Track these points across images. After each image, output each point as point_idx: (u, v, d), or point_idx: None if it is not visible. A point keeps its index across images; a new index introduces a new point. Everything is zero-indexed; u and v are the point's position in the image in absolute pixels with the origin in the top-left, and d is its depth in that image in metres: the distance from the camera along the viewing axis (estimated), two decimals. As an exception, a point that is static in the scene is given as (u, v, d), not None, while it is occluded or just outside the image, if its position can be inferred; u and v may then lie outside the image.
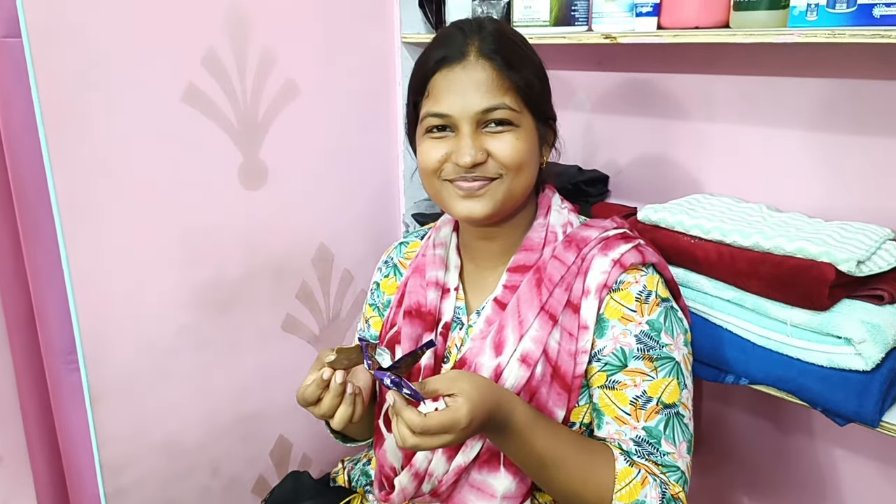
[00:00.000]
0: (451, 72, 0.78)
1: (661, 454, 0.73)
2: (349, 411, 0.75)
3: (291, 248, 1.20)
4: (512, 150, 0.78)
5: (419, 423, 0.63)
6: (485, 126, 0.78)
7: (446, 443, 0.65)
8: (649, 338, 0.77)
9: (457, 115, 0.78)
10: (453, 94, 0.78)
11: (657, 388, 0.75)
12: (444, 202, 0.82)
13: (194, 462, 1.15)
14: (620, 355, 0.77)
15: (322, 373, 0.73)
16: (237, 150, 1.08)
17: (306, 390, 0.74)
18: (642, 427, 0.74)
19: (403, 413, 0.64)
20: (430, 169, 0.80)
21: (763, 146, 1.03)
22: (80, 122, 0.92)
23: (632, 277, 0.79)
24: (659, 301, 0.78)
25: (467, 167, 0.77)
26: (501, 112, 0.77)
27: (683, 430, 0.75)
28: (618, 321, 0.77)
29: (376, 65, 1.25)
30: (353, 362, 0.75)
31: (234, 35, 1.03)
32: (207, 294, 1.10)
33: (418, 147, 0.83)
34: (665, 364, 0.76)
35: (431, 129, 0.80)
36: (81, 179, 0.94)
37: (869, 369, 0.77)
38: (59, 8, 0.88)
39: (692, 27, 0.93)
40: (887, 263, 0.82)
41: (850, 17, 0.78)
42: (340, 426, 0.75)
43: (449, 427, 0.64)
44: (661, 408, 0.74)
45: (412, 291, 0.88)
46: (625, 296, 0.78)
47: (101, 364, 1.01)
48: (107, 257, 0.99)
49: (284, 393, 1.23)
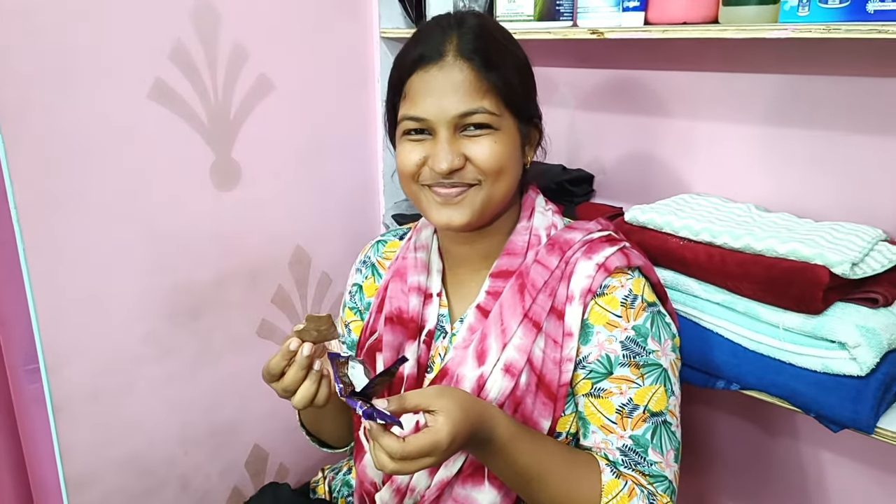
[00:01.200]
0: (427, 73, 0.74)
1: (649, 464, 0.71)
2: (313, 389, 0.70)
3: (266, 250, 1.15)
4: (490, 154, 0.74)
5: (398, 450, 0.59)
6: (463, 130, 0.75)
7: (428, 465, 0.62)
8: (635, 344, 0.74)
9: (433, 119, 0.74)
10: (430, 96, 0.74)
11: (644, 396, 0.73)
12: (422, 208, 0.79)
13: (163, 478, 1.10)
14: (606, 362, 0.74)
15: (289, 343, 0.69)
16: (209, 148, 1.03)
17: (271, 361, 0.69)
18: (629, 436, 0.72)
19: (381, 440, 0.60)
20: (408, 173, 0.77)
21: (749, 144, 1.01)
22: (40, 119, 0.87)
23: (617, 281, 0.76)
24: (645, 306, 0.75)
25: (444, 174, 0.73)
26: (479, 116, 0.74)
27: (671, 437, 0.73)
28: (603, 327, 0.74)
29: (354, 60, 1.21)
30: (323, 335, 0.70)
31: (203, 28, 0.99)
32: (177, 299, 1.05)
33: (397, 149, 0.80)
34: (652, 371, 0.74)
35: (409, 132, 0.77)
36: (41, 180, 0.89)
37: (864, 374, 0.75)
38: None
39: (680, 22, 0.91)
40: (881, 265, 0.80)
41: (844, 13, 0.76)
42: (302, 405, 0.70)
43: (430, 450, 0.60)
44: (648, 416, 0.72)
45: (393, 297, 0.84)
46: (610, 301, 0.75)
47: (63, 373, 0.96)
48: (69, 261, 0.94)
49: (260, 401, 1.19)
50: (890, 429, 0.76)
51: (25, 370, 1.09)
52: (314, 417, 0.91)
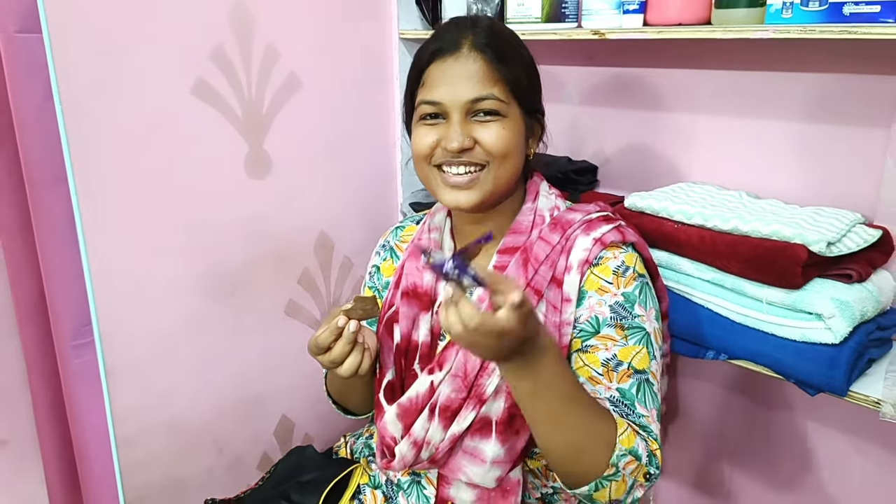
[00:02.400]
0: (444, 63, 0.83)
1: (637, 416, 0.77)
2: (357, 359, 0.81)
3: (293, 235, 1.24)
4: (498, 138, 0.83)
5: (475, 318, 0.61)
6: (474, 115, 0.83)
7: (490, 347, 0.63)
8: (623, 308, 0.81)
9: (447, 103, 0.83)
10: (446, 83, 0.83)
11: (628, 354, 0.79)
12: (432, 189, 0.87)
13: (199, 441, 1.19)
14: (594, 322, 0.81)
15: (337, 320, 0.79)
16: (243, 140, 1.12)
17: (320, 336, 0.80)
18: (616, 388, 0.78)
19: (462, 303, 0.62)
20: (422, 154, 0.86)
21: (743, 137, 1.09)
22: (96, 114, 0.96)
23: (611, 254, 0.84)
24: (636, 276, 0.83)
25: (455, 152, 0.82)
26: (489, 102, 0.82)
27: (653, 397, 0.79)
28: (595, 292, 0.82)
29: (375, 59, 1.29)
30: (368, 313, 0.81)
31: (240, 31, 1.08)
32: (213, 280, 1.14)
33: (413, 133, 0.88)
34: (636, 333, 0.81)
35: (425, 117, 0.85)
36: (97, 169, 0.98)
37: (838, 342, 0.83)
38: (75, 5, 0.92)
39: (675, 24, 0.99)
40: (856, 245, 0.88)
41: (823, 15, 0.84)
42: (348, 374, 0.81)
43: (499, 333, 0.62)
44: (633, 372, 0.78)
45: (409, 273, 0.93)
46: (603, 269, 0.83)
47: (114, 344, 1.06)
48: (120, 244, 1.03)
49: (287, 374, 1.28)
50: (862, 392, 0.83)
51: (73, 345, 1.19)
52: (343, 388, 1.00)
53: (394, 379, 0.91)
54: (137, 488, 1.12)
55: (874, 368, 0.89)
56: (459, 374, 0.82)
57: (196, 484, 1.18)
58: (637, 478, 0.72)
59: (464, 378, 0.81)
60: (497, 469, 0.81)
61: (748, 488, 1.20)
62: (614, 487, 0.71)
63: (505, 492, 0.84)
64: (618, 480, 0.71)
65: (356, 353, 0.82)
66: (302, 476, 1.00)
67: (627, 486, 0.71)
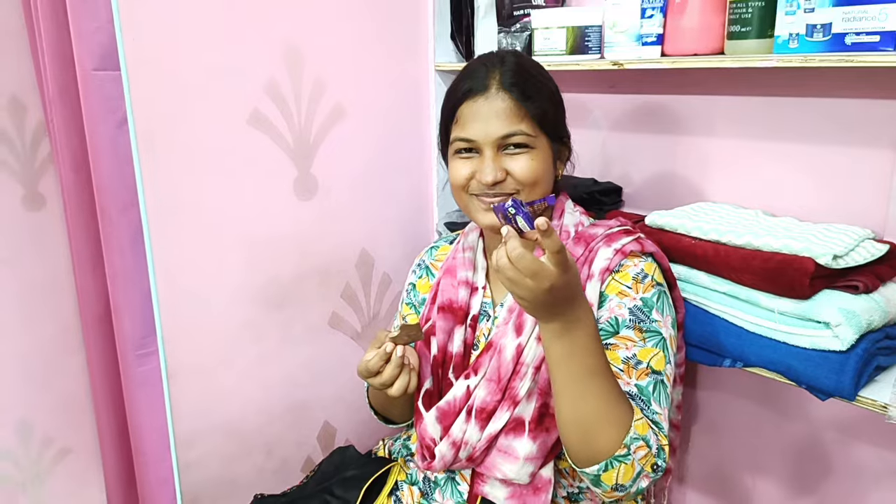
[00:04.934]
0: (475, 102, 0.92)
1: (652, 412, 0.83)
2: (406, 380, 0.90)
3: (337, 252, 1.34)
4: (528, 169, 0.91)
5: (521, 254, 0.68)
6: (505, 149, 0.92)
7: (529, 289, 0.69)
8: (641, 312, 0.88)
9: (480, 140, 0.91)
10: (478, 121, 0.91)
11: (646, 355, 0.86)
12: (470, 213, 0.96)
13: (251, 443, 1.29)
14: (614, 323, 0.88)
15: (385, 346, 0.88)
16: (293, 165, 1.23)
17: (370, 362, 0.88)
18: (634, 384, 0.84)
19: (511, 240, 0.69)
20: (459, 185, 0.95)
21: (758, 158, 1.15)
22: (165, 143, 1.08)
23: (631, 262, 0.91)
24: (654, 284, 0.90)
25: (489, 185, 0.91)
26: (518, 137, 0.91)
27: (666, 398, 0.85)
28: (615, 295, 0.89)
29: (413, 90, 1.40)
30: (413, 339, 0.90)
31: (292, 67, 1.19)
32: (266, 292, 1.25)
33: (449, 165, 0.97)
34: (653, 336, 0.87)
35: (460, 151, 0.94)
36: (165, 192, 1.09)
37: (845, 349, 0.88)
38: (149, 46, 1.04)
39: (691, 54, 1.06)
40: (863, 258, 0.93)
41: (826, 45, 0.90)
42: (398, 393, 0.89)
43: (537, 272, 0.68)
44: (650, 372, 0.85)
45: (445, 290, 1.02)
46: (623, 276, 0.90)
47: (176, 350, 1.16)
48: (183, 259, 1.14)
49: (330, 383, 1.37)
50: (870, 397, 0.88)
51: (137, 355, 1.30)
52: (386, 402, 1.08)
53: (431, 388, 0.99)
54: (193, 485, 1.22)
55: (884, 375, 0.93)
56: (493, 378, 0.89)
57: (245, 482, 1.27)
58: (645, 466, 0.77)
59: (497, 382, 0.89)
60: (530, 465, 0.88)
61: (769, 496, 1.24)
62: (622, 471, 0.76)
63: (537, 489, 0.90)
64: (627, 464, 0.76)
65: (404, 374, 0.91)
66: (344, 473, 1.09)
67: (635, 473, 0.76)
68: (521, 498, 0.90)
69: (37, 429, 1.62)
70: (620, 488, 0.77)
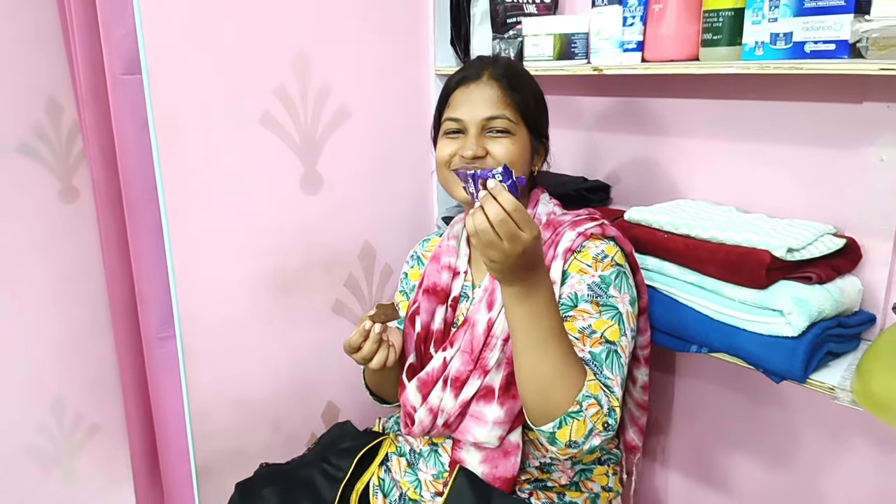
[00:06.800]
0: (467, 88, 1.02)
1: (604, 377, 0.89)
2: (384, 355, 0.99)
3: (341, 244, 1.44)
4: (507, 150, 1.00)
5: (502, 218, 0.75)
6: (488, 131, 1.01)
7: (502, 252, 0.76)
8: (599, 287, 0.95)
9: (467, 120, 1.01)
10: (467, 105, 1.01)
11: (601, 325, 0.93)
12: (450, 189, 1.05)
13: (260, 418, 1.39)
14: (573, 297, 0.96)
15: (364, 324, 0.97)
16: (299, 162, 1.33)
17: (351, 338, 0.98)
18: (588, 351, 0.91)
19: (501, 194, 0.77)
20: (443, 161, 1.04)
21: (733, 158, 1.21)
22: (183, 141, 1.19)
23: (592, 244, 0.99)
24: (613, 263, 0.98)
25: (469, 158, 0.99)
26: (501, 121, 1.00)
27: (620, 367, 0.91)
28: (576, 273, 0.97)
29: (414, 93, 1.49)
30: (389, 317, 0.99)
31: (300, 71, 1.29)
32: (273, 280, 1.35)
33: (437, 144, 1.07)
34: (609, 310, 0.94)
35: (448, 132, 1.04)
36: (182, 188, 1.20)
37: (796, 335, 0.94)
38: (168, 51, 1.15)
39: (668, 60, 1.13)
40: (819, 251, 0.99)
41: (788, 52, 0.97)
42: (377, 367, 0.98)
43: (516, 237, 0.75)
44: (604, 341, 0.91)
45: (430, 274, 1.11)
46: (584, 255, 0.98)
47: (192, 331, 1.27)
48: (198, 249, 1.24)
49: (333, 366, 1.47)
50: (819, 380, 0.95)
51: (158, 338, 1.41)
52: (378, 380, 1.18)
53: (415, 362, 1.08)
54: (206, 454, 1.33)
55: (838, 361, 1.00)
56: (467, 350, 0.98)
57: (254, 454, 1.38)
58: (596, 424, 0.84)
59: (470, 353, 0.98)
60: (498, 429, 0.97)
61: (744, 474, 1.30)
62: (575, 427, 0.83)
63: (506, 452, 0.99)
64: (580, 420, 0.83)
65: (382, 349, 1.00)
66: (341, 445, 1.18)
67: (587, 430, 0.83)
68: (493, 461, 0.99)
69: (69, 407, 1.74)
70: (573, 445, 0.84)
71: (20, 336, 1.62)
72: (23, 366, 1.64)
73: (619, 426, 1.12)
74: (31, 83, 1.53)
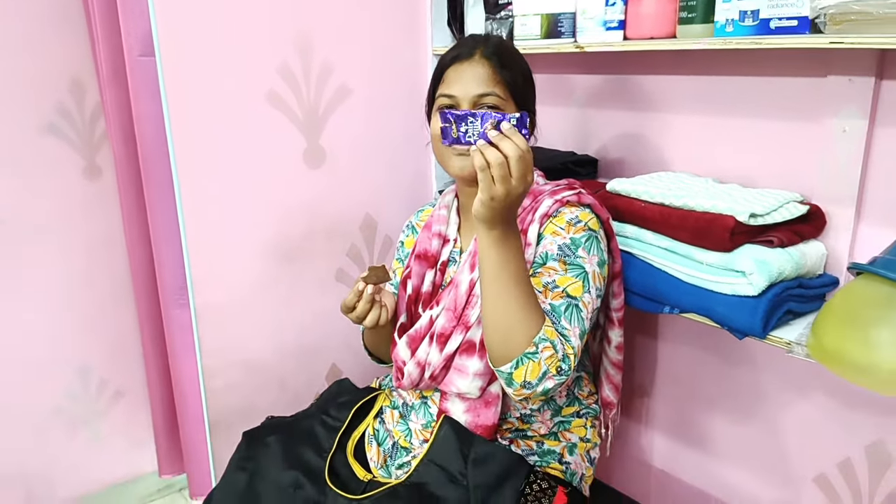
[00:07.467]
0: (460, 66, 1.08)
1: (562, 327, 0.95)
2: (376, 314, 1.09)
3: (343, 215, 1.52)
4: None
5: (527, 147, 0.85)
6: (479, 107, 1.08)
7: (508, 190, 0.84)
8: (568, 248, 1.02)
9: (459, 97, 1.07)
10: (460, 81, 1.08)
11: (565, 281, 0.99)
12: (443, 161, 1.12)
13: (267, 378, 1.49)
14: (544, 256, 1.03)
15: (357, 285, 1.06)
16: (303, 137, 1.42)
17: (346, 299, 1.08)
18: (549, 303, 0.97)
19: (515, 136, 0.85)
20: (437, 135, 1.11)
21: (711, 131, 1.27)
22: (195, 118, 1.27)
23: (568, 210, 1.06)
24: (585, 228, 1.04)
25: None
26: (491, 98, 1.06)
27: (580, 320, 0.97)
28: (549, 234, 1.04)
29: (412, 71, 1.56)
30: (380, 279, 1.08)
31: (302, 51, 1.38)
32: (280, 247, 1.44)
33: (431, 119, 1.14)
34: (575, 269, 1.01)
35: (441, 108, 1.11)
36: (194, 162, 1.29)
37: (757, 294, 1.01)
38: (181, 33, 1.23)
39: (648, 38, 1.19)
40: (782, 217, 1.05)
41: (755, 29, 1.02)
42: (370, 325, 1.08)
43: (525, 178, 0.84)
44: (566, 295, 0.98)
45: (421, 241, 1.19)
46: (559, 220, 1.05)
47: (204, 295, 1.36)
48: (210, 219, 1.33)
49: (336, 331, 1.55)
50: (777, 336, 1.01)
51: (176, 302, 1.51)
52: (374, 340, 1.27)
53: (405, 322, 1.16)
54: (218, 409, 1.43)
55: (801, 321, 1.06)
56: (451, 308, 1.06)
57: (262, 410, 1.47)
58: (550, 367, 0.91)
59: (454, 311, 1.06)
60: (479, 380, 1.05)
61: (717, 431, 1.37)
62: (530, 368, 0.90)
63: (487, 402, 1.07)
64: (535, 361, 0.90)
65: (375, 309, 1.10)
66: (339, 399, 1.28)
67: (541, 372, 0.90)
68: (475, 411, 1.07)
69: (94, 373, 1.85)
70: (528, 385, 0.91)
71: (48, 306, 1.72)
72: (50, 334, 1.74)
73: (596, 384, 1.21)
74: (54, 64, 1.61)
